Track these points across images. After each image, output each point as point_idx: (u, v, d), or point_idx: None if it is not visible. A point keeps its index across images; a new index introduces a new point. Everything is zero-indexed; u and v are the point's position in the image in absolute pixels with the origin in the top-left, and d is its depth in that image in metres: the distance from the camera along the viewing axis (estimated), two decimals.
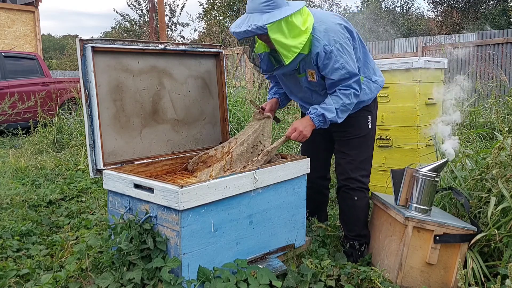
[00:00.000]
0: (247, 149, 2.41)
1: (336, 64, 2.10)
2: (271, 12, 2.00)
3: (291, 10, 2.03)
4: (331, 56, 2.09)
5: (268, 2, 2.00)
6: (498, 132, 3.13)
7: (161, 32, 7.24)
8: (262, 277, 1.91)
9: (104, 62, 2.23)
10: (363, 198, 2.38)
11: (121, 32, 24.49)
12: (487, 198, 2.24)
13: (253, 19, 2.00)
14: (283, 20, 2.00)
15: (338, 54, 2.09)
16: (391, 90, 3.28)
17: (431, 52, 8.92)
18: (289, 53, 2.06)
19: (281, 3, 2.03)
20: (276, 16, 1.98)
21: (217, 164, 2.39)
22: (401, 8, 25.68)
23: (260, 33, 2.02)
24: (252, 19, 2.00)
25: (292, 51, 2.05)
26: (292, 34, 2.03)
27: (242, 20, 2.06)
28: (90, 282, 2.05)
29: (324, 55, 2.09)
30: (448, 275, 2.11)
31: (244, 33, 2.02)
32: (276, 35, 2.01)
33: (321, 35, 2.10)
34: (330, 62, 2.10)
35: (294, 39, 2.04)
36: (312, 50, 2.13)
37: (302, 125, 2.21)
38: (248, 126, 2.51)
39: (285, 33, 2.02)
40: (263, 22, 1.97)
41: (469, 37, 11.67)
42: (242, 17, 2.09)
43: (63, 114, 6.87)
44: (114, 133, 2.28)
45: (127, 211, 2.04)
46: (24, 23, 12.65)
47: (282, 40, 2.02)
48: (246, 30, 2.00)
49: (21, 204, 3.33)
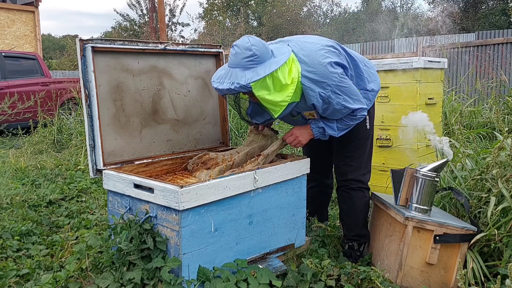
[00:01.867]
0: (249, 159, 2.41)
1: (337, 106, 2.06)
2: (254, 68, 1.88)
3: (276, 64, 1.90)
4: (330, 101, 2.05)
5: (252, 58, 1.88)
6: (498, 132, 3.13)
7: (161, 32, 7.24)
8: (262, 277, 1.91)
9: (104, 62, 2.23)
10: (363, 198, 2.39)
11: (121, 32, 24.49)
12: (487, 198, 2.24)
13: (236, 76, 1.89)
14: (267, 76, 1.88)
15: (335, 97, 2.03)
16: (391, 90, 3.28)
17: (431, 52, 8.91)
18: (277, 107, 1.97)
19: (265, 57, 1.91)
20: (260, 73, 1.87)
21: (218, 167, 2.39)
22: (401, 8, 25.69)
23: (243, 91, 1.92)
24: (235, 76, 1.89)
25: (280, 105, 1.96)
26: (278, 89, 1.93)
27: (224, 75, 1.95)
28: (90, 282, 2.05)
29: (321, 102, 2.05)
30: (448, 275, 2.11)
31: (227, 90, 1.92)
32: (261, 92, 1.90)
33: (313, 82, 2.00)
34: (330, 106, 2.07)
35: (280, 93, 1.93)
36: (308, 99, 2.07)
37: (300, 132, 2.22)
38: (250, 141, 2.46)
39: (270, 89, 1.91)
40: (246, 81, 1.86)
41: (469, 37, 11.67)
42: (223, 69, 1.99)
43: (63, 114, 6.87)
44: (114, 133, 2.28)
45: (127, 211, 2.04)
46: (24, 23, 12.65)
47: (267, 97, 1.91)
48: (229, 88, 1.90)
49: (21, 204, 3.33)
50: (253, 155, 2.40)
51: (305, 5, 25.69)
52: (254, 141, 2.46)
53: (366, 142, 2.39)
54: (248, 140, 2.49)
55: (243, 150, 2.43)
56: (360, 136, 2.35)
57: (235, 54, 1.92)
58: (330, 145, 2.54)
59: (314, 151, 2.49)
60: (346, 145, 2.37)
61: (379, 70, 3.28)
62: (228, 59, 1.99)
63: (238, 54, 1.91)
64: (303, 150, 2.65)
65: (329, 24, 24.39)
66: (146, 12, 23.76)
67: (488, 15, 20.76)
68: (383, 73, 3.27)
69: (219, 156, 2.45)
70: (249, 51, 1.89)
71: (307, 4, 25.80)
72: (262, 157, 2.24)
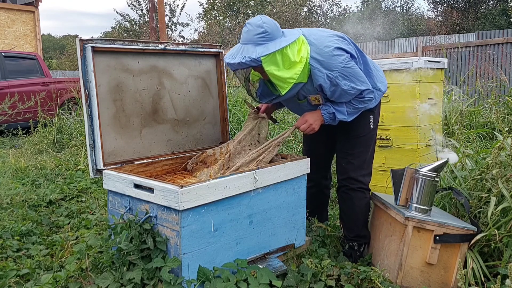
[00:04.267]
0: (244, 147, 2.42)
1: (344, 87, 2.08)
2: (265, 44, 1.97)
3: (286, 41, 2.00)
4: (337, 83, 2.08)
5: (263, 34, 1.97)
6: (498, 132, 3.13)
7: (161, 32, 7.24)
8: (262, 277, 1.91)
9: (104, 62, 2.23)
10: (363, 199, 2.39)
11: (121, 32, 24.49)
12: (487, 198, 2.24)
13: (247, 51, 1.98)
14: (277, 52, 1.97)
15: (343, 78, 2.07)
16: (391, 90, 3.28)
17: (431, 52, 8.91)
18: (285, 84, 2.05)
19: (276, 35, 2.00)
20: (270, 48, 1.96)
21: (216, 164, 2.40)
22: (401, 8, 25.68)
23: (254, 65, 1.99)
24: (247, 51, 1.98)
25: (288, 82, 2.04)
26: (287, 66, 2.01)
27: (236, 51, 2.03)
28: (90, 282, 2.05)
29: (329, 84, 2.08)
30: (448, 275, 2.11)
31: (238, 64, 2.00)
32: (270, 67, 1.98)
33: (321, 64, 2.07)
34: (337, 88, 2.10)
35: (289, 70, 2.02)
36: (315, 80, 2.11)
37: (312, 119, 2.22)
38: (244, 126, 2.52)
39: (279, 65, 1.99)
40: (257, 55, 1.95)
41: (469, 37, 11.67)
42: (236, 47, 2.07)
43: (63, 114, 6.86)
44: (114, 133, 2.28)
45: (127, 211, 2.04)
46: (24, 23, 12.65)
47: (276, 72, 2.00)
48: (240, 62, 1.97)
49: (21, 204, 3.33)
50: (251, 141, 2.41)
51: (305, 5, 25.70)
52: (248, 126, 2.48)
53: (369, 141, 2.39)
54: (244, 125, 2.51)
55: (238, 137, 2.45)
56: (363, 134, 2.36)
57: (247, 31, 2.01)
58: (328, 146, 2.54)
59: (311, 152, 2.48)
60: (348, 142, 2.38)
61: None
62: (241, 37, 2.07)
63: (250, 31, 2.00)
64: (303, 150, 2.65)
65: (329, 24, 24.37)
66: (146, 12, 23.76)
67: (488, 15, 20.76)
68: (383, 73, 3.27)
69: (216, 152, 2.46)
70: (261, 28, 1.98)
71: (307, 4, 25.81)
72: (274, 145, 2.27)
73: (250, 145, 2.42)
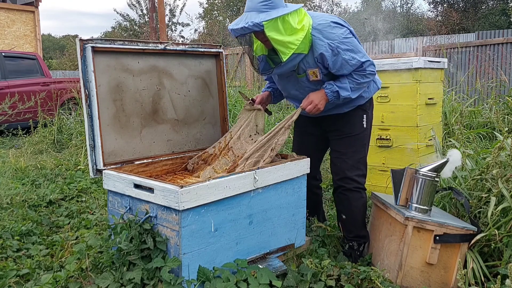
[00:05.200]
0: (246, 139, 2.42)
1: (345, 56, 2.12)
2: (268, 12, 2.05)
3: (288, 10, 2.08)
4: (339, 52, 2.11)
5: (266, 2, 2.05)
6: (498, 132, 3.13)
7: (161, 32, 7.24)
8: (262, 277, 1.91)
9: (104, 62, 2.23)
10: (360, 199, 2.38)
11: (121, 32, 24.49)
12: (487, 198, 2.24)
13: (250, 17, 2.05)
14: (279, 18, 2.04)
15: (344, 48, 2.11)
16: (391, 90, 3.28)
17: (431, 52, 8.91)
18: (286, 49, 2.09)
19: (279, 4, 2.08)
20: (272, 15, 2.04)
21: (218, 161, 2.40)
22: (401, 8, 25.68)
23: (256, 30, 2.05)
24: (250, 17, 2.06)
25: (289, 47, 2.08)
26: (289, 32, 2.07)
27: (240, 18, 2.11)
28: (90, 282, 2.05)
29: (330, 53, 2.11)
30: (448, 275, 2.11)
31: (241, 29, 2.06)
32: (272, 33, 2.05)
33: (323, 33, 2.12)
34: (338, 58, 2.12)
35: (291, 36, 2.07)
36: (315, 50, 2.14)
37: (318, 99, 2.22)
38: (239, 118, 2.53)
39: (281, 31, 2.06)
40: (259, 20, 2.02)
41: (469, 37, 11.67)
42: (240, 16, 2.14)
43: (63, 114, 6.86)
44: (114, 133, 2.28)
45: (127, 211, 2.04)
46: (24, 23, 12.65)
47: (278, 37, 2.06)
48: (243, 27, 2.04)
49: (21, 204, 3.33)
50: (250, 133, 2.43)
51: (305, 5, 25.69)
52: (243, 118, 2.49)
53: (362, 140, 2.38)
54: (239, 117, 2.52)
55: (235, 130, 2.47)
56: (355, 133, 2.35)
57: (251, 0, 2.09)
58: (318, 146, 2.54)
59: (301, 151, 2.47)
60: (341, 142, 2.37)
61: (379, 70, 3.28)
62: (245, 6, 2.14)
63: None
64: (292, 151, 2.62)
65: None
66: (146, 12, 23.76)
67: (488, 15, 20.75)
68: (383, 73, 3.27)
69: (216, 148, 2.46)
70: None
71: (307, 4, 25.81)
72: (284, 129, 2.26)
73: (251, 136, 2.42)
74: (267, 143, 2.27)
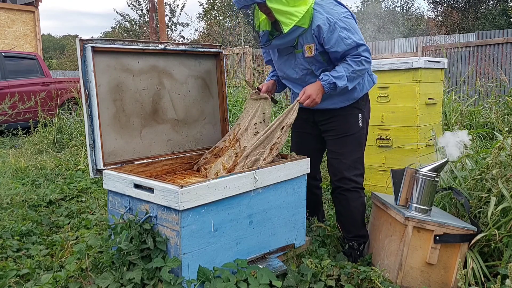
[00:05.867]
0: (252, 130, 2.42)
1: (342, 34, 2.13)
2: None
3: None
4: (335, 28, 2.12)
5: None
6: (498, 132, 3.13)
7: (161, 32, 7.24)
8: (262, 277, 1.91)
9: (104, 62, 2.23)
10: (358, 199, 2.38)
11: (121, 32, 24.48)
12: (487, 198, 2.24)
13: None
14: None
15: (342, 25, 2.13)
16: (391, 90, 3.28)
17: (431, 52, 8.91)
18: (288, 20, 2.10)
19: None
20: None
21: (227, 153, 2.40)
22: (401, 8, 25.68)
23: (259, 1, 2.06)
24: None
25: (291, 18, 2.10)
26: (291, 4, 2.09)
27: None
28: (90, 282, 2.05)
29: (328, 27, 2.12)
30: (448, 275, 2.11)
31: (244, 1, 2.08)
32: (274, 4, 2.07)
33: (324, 8, 2.15)
34: (334, 34, 2.13)
35: (293, 7, 2.10)
36: (314, 22, 2.16)
37: (314, 92, 2.20)
38: (246, 108, 2.52)
39: (283, 2, 2.08)
40: None
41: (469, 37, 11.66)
42: None
43: (63, 114, 6.87)
44: (114, 133, 2.28)
45: (127, 211, 2.04)
46: (24, 23, 12.65)
47: (280, 7, 2.08)
48: None
49: (21, 204, 3.33)
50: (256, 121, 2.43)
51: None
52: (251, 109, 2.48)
53: (358, 140, 2.37)
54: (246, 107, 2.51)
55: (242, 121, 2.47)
56: (351, 133, 2.35)
57: None
58: (316, 146, 2.53)
59: (300, 151, 2.47)
60: (338, 142, 2.37)
61: (379, 70, 3.28)
62: None
63: None
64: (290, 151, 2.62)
65: None
66: (146, 12, 23.76)
67: (488, 15, 20.74)
68: (383, 73, 3.28)
69: (226, 141, 2.48)
70: None
71: None
72: (286, 127, 2.26)
73: (256, 124, 2.42)
74: (266, 140, 2.27)
